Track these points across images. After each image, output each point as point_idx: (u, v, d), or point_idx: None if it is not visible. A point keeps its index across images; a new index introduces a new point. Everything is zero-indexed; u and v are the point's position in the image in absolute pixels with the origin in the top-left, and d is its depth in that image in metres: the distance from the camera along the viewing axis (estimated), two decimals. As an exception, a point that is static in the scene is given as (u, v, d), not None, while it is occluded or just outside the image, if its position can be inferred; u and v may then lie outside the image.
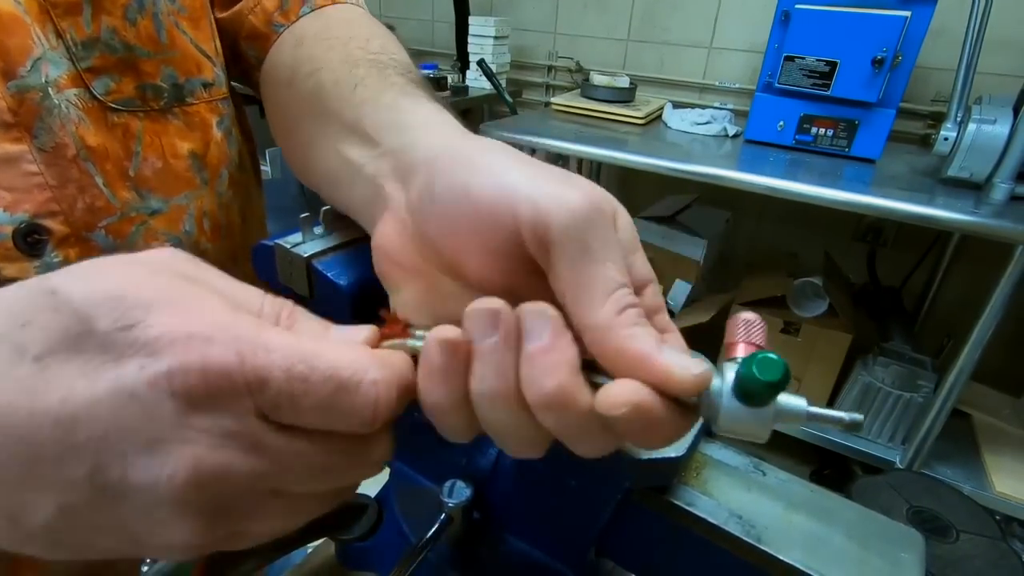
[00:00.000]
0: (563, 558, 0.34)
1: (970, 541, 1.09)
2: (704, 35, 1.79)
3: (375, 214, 0.27)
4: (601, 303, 0.19)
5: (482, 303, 0.20)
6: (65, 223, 0.33)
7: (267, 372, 0.19)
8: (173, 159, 0.39)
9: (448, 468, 0.35)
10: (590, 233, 0.20)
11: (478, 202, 0.21)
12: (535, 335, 0.20)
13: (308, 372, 0.19)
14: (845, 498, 0.30)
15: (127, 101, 0.36)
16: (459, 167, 0.23)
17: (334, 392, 0.20)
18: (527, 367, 0.20)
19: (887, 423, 1.42)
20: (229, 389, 0.18)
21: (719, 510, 0.28)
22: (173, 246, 0.38)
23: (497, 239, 0.21)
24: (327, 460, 0.21)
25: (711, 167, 1.30)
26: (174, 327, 0.18)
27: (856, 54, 1.29)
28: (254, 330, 0.19)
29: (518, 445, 0.22)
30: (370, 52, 0.37)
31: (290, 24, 0.42)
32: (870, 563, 0.26)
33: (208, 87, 0.41)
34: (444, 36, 2.23)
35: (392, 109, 0.31)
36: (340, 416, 0.20)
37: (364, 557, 0.41)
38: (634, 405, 0.18)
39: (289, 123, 0.38)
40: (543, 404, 0.19)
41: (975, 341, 1.17)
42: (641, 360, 0.19)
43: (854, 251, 1.73)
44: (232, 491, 0.19)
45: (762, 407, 0.18)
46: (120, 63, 0.35)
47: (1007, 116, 1.14)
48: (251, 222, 0.50)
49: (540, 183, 0.21)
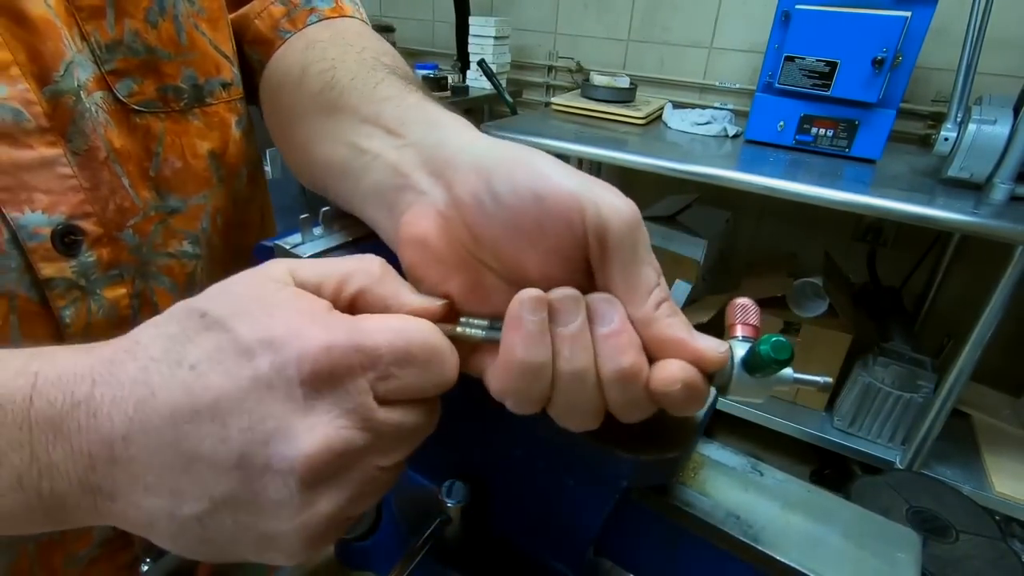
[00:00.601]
0: (562, 558, 0.34)
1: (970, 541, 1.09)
2: (704, 35, 1.79)
3: (397, 202, 0.28)
4: (644, 299, 0.23)
5: (564, 291, 0.23)
6: (98, 224, 0.34)
7: (376, 349, 0.22)
8: (193, 159, 0.40)
9: (447, 468, 0.35)
10: (636, 238, 0.23)
11: (549, 206, 0.23)
12: (607, 319, 0.23)
13: (408, 345, 0.22)
14: (843, 498, 0.30)
15: (149, 103, 0.37)
16: (520, 170, 0.24)
17: (430, 359, 0.23)
18: (605, 346, 0.23)
19: (887, 423, 1.42)
20: (347, 368, 0.21)
21: (717, 510, 0.29)
22: (190, 243, 0.40)
23: (563, 241, 0.23)
24: (416, 424, 0.23)
25: (711, 167, 1.31)
26: (293, 325, 0.21)
27: (856, 54, 1.29)
28: (354, 320, 0.23)
29: (584, 417, 0.24)
30: (386, 65, 0.37)
31: (297, 31, 0.43)
32: (867, 563, 0.27)
33: (227, 87, 0.42)
34: (444, 36, 2.23)
35: (418, 108, 0.31)
36: (433, 380, 0.23)
37: (364, 556, 0.41)
38: (684, 382, 0.22)
39: (294, 120, 0.38)
40: (618, 378, 0.23)
41: (975, 341, 1.17)
42: (680, 344, 0.23)
43: (854, 251, 1.73)
44: (349, 464, 0.22)
45: (766, 377, 0.22)
46: (142, 65, 0.36)
47: (1007, 116, 1.14)
48: (268, 220, 0.51)
49: (597, 191, 0.23)
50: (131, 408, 0.21)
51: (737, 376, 0.23)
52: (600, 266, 0.24)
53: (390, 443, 0.23)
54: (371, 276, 0.25)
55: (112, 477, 0.21)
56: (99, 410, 0.21)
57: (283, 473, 0.20)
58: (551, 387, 0.23)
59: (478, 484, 0.34)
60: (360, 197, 0.31)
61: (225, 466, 0.20)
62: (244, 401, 0.20)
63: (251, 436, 0.20)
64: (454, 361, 0.24)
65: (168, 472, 0.21)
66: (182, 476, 0.21)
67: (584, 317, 0.23)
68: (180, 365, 0.21)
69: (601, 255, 0.23)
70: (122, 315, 0.36)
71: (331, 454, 0.21)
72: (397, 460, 0.24)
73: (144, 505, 0.21)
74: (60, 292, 0.33)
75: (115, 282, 0.36)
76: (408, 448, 0.24)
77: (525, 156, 0.25)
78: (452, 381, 0.24)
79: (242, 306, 0.22)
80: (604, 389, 0.23)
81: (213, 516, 0.21)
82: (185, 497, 0.21)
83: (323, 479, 0.21)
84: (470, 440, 0.34)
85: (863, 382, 1.42)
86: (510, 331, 0.23)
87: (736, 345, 0.23)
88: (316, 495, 0.21)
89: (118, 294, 0.36)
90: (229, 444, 0.20)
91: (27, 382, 0.21)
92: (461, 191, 0.25)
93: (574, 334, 0.23)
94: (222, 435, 0.20)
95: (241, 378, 0.20)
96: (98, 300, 0.35)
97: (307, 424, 0.20)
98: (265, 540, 0.22)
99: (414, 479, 0.38)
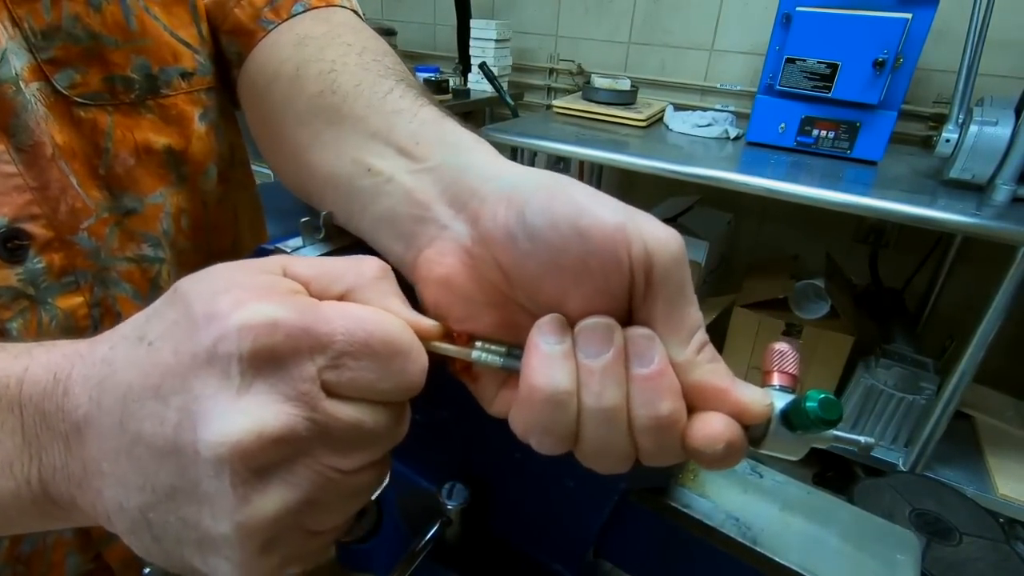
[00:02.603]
0: (561, 559, 0.34)
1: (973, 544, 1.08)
2: (705, 37, 1.80)
3: (416, 235, 0.26)
4: (687, 341, 0.21)
5: (595, 319, 0.21)
6: (48, 227, 0.32)
7: (330, 335, 0.20)
8: (146, 155, 0.36)
9: (447, 470, 0.35)
10: (683, 273, 0.21)
11: (593, 241, 0.21)
12: (647, 359, 0.21)
13: (367, 336, 0.20)
14: (843, 500, 0.30)
15: (94, 95, 0.33)
16: (557, 202, 0.21)
17: (392, 355, 0.21)
18: (643, 388, 0.21)
19: (889, 425, 1.42)
20: (293, 349, 0.19)
21: (716, 512, 0.29)
22: (151, 245, 0.37)
23: (609, 279, 0.21)
24: (375, 425, 0.21)
25: (713, 169, 1.30)
26: (242, 300, 0.19)
27: (857, 56, 1.29)
28: (315, 303, 0.21)
29: (614, 461, 0.22)
30: (389, 67, 0.35)
31: (280, 22, 0.39)
32: (866, 565, 0.27)
33: (187, 77, 0.38)
34: (446, 39, 2.23)
35: (435, 125, 0.29)
36: (393, 378, 0.21)
37: (364, 558, 0.41)
38: (727, 442, 0.20)
39: (286, 123, 0.36)
40: (653, 425, 0.21)
41: (977, 343, 1.17)
42: (722, 394, 0.21)
43: (856, 253, 1.73)
44: (292, 458, 0.19)
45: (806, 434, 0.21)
46: (84, 53, 0.32)
47: (1009, 118, 1.14)
48: (244, 220, 0.47)
49: (641, 223, 0.21)
50: (94, 387, 0.20)
51: (775, 431, 0.21)
52: (642, 303, 0.21)
53: (345, 442, 0.20)
54: (362, 277, 0.23)
55: (82, 461, 0.20)
56: (71, 390, 0.20)
57: (214, 461, 0.18)
58: (577, 425, 0.21)
59: (479, 486, 0.34)
60: (369, 222, 0.29)
61: (163, 450, 0.19)
62: (184, 378, 0.19)
63: (183, 417, 0.19)
64: (421, 363, 0.22)
65: (117, 457, 0.19)
66: (128, 461, 0.19)
67: (618, 350, 0.21)
68: (142, 341, 0.20)
69: (646, 292, 0.21)
70: (80, 325, 0.34)
71: (264, 441, 0.18)
72: (358, 463, 0.21)
73: (105, 495, 0.20)
74: (5, 302, 0.31)
75: (70, 290, 0.33)
76: (371, 452, 0.22)
77: (560, 185, 0.22)
78: (416, 384, 0.22)
79: (210, 283, 0.20)
80: (635, 434, 0.21)
81: (157, 509, 0.19)
82: (130, 486, 0.19)
83: (260, 471, 0.19)
84: (471, 442, 0.34)
85: (865, 384, 1.42)
86: (528, 356, 0.21)
87: (772, 395, 0.22)
88: (253, 490, 0.19)
89: (74, 303, 0.34)
90: (166, 426, 0.19)
91: (22, 365, 0.21)
92: (491, 225, 0.23)
93: (604, 367, 0.20)
94: (162, 415, 0.19)
95: (184, 353, 0.19)
96: (50, 310, 0.32)
97: (240, 406, 0.18)
98: (208, 543, 0.19)
99: (414, 481, 0.39)
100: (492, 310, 0.24)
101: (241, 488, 0.18)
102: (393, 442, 0.23)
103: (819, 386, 1.36)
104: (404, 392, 0.22)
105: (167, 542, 0.20)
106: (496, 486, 0.35)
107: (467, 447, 0.35)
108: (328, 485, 0.20)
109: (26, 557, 0.36)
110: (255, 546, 0.19)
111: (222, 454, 0.18)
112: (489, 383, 0.25)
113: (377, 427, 0.21)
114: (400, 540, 0.38)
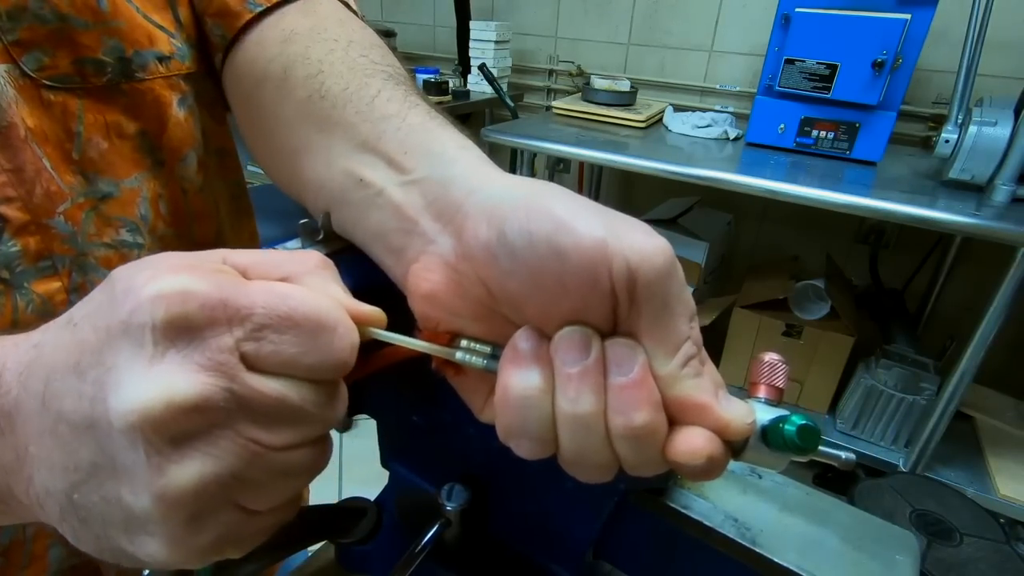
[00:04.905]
0: (561, 561, 0.34)
1: (974, 544, 1.08)
2: (705, 38, 1.80)
3: (405, 248, 0.26)
4: (672, 354, 0.21)
5: (572, 328, 0.21)
6: (23, 209, 0.31)
7: (249, 307, 0.19)
8: (119, 139, 0.36)
9: (447, 471, 0.35)
10: (670, 287, 0.20)
11: (572, 261, 0.20)
12: (625, 368, 0.20)
13: (290, 311, 0.20)
14: (843, 500, 0.30)
15: (63, 78, 0.33)
16: (536, 219, 0.21)
17: (316, 330, 0.20)
18: (619, 397, 0.20)
19: (890, 426, 1.42)
20: (208, 319, 0.19)
21: (715, 513, 0.29)
22: (128, 231, 0.37)
23: (590, 295, 0.20)
24: (301, 402, 0.21)
25: (712, 170, 1.31)
26: (159, 271, 0.19)
27: (856, 57, 1.30)
28: (234, 278, 0.20)
29: (594, 471, 0.22)
30: (376, 63, 0.34)
31: (268, 5, 0.38)
32: (865, 565, 0.27)
33: (164, 61, 0.37)
34: (445, 40, 2.24)
35: (422, 131, 0.29)
36: (319, 354, 0.20)
37: (364, 560, 0.41)
38: (708, 457, 0.20)
39: (277, 126, 0.35)
40: (628, 435, 0.20)
41: (978, 343, 1.17)
42: (703, 410, 0.21)
43: (856, 253, 1.73)
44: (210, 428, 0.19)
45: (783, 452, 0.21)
46: (52, 35, 0.32)
47: (1008, 118, 1.14)
48: (223, 210, 0.47)
49: (624, 236, 0.20)
50: (23, 371, 0.20)
51: (753, 445, 0.21)
52: (626, 317, 0.21)
53: (269, 417, 0.20)
54: (302, 265, 0.23)
55: (14, 449, 0.20)
56: (2, 377, 0.20)
57: (126, 430, 0.18)
58: (554, 431, 0.21)
59: (478, 487, 0.34)
60: (363, 235, 0.29)
61: (82, 425, 0.19)
62: (100, 352, 0.18)
63: (98, 389, 0.18)
64: (350, 339, 0.21)
65: (41, 437, 0.19)
66: (52, 441, 0.19)
67: (595, 358, 0.21)
68: (69, 323, 0.20)
69: (630, 307, 0.21)
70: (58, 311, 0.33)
71: (174, 409, 0.18)
72: (286, 440, 0.21)
73: (35, 480, 0.20)
74: None
75: (47, 275, 0.33)
76: (301, 430, 0.21)
77: (540, 200, 0.22)
78: (343, 360, 0.21)
79: (138, 265, 0.20)
80: (614, 443, 0.21)
81: (80, 489, 0.19)
82: (55, 468, 0.19)
83: (175, 440, 0.18)
84: (470, 443, 0.34)
85: (866, 384, 1.42)
86: (504, 357, 0.22)
87: (757, 407, 0.22)
88: (168, 460, 0.18)
89: (51, 288, 0.33)
90: (83, 400, 0.18)
91: None
92: (473, 243, 0.22)
93: (580, 373, 0.20)
94: (80, 390, 0.19)
95: (100, 328, 0.19)
96: (26, 294, 0.32)
97: (151, 374, 0.18)
98: (132, 520, 0.19)
99: (414, 482, 0.39)
100: (479, 324, 0.24)
101: (155, 458, 0.18)
102: (326, 422, 0.22)
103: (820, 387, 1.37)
104: (331, 369, 0.21)
105: (95, 524, 0.20)
106: (495, 487, 0.35)
107: (466, 448, 0.35)
108: (255, 460, 0.20)
109: (4, 548, 0.35)
110: (179, 519, 0.19)
111: (133, 422, 0.18)
112: (478, 389, 0.24)
113: (304, 404, 0.21)
114: (399, 541, 0.38)
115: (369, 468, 0.27)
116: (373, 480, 0.42)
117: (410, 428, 0.36)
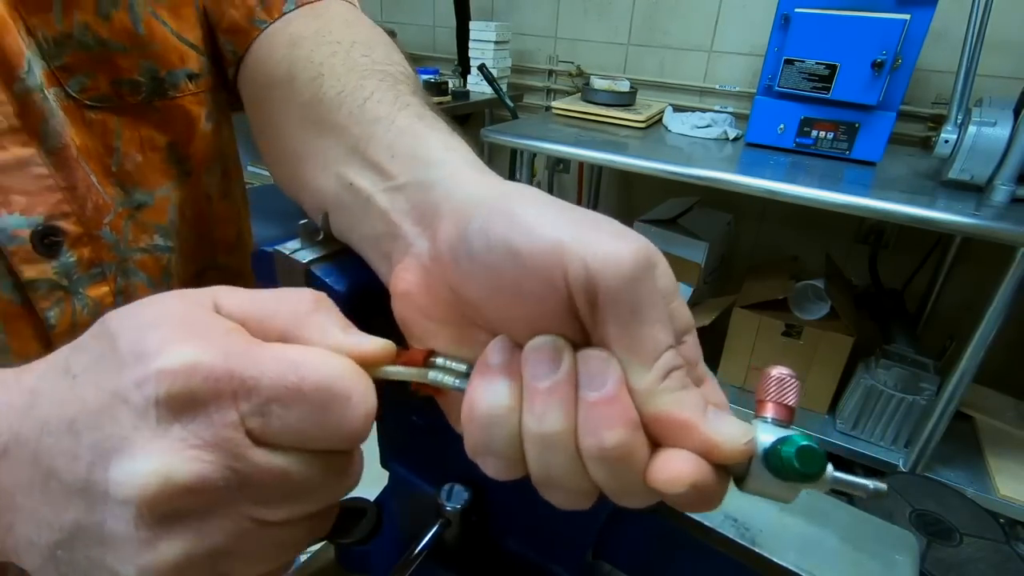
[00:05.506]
0: (560, 561, 0.34)
1: (974, 544, 1.08)
2: (704, 39, 1.80)
3: (392, 252, 0.26)
4: (648, 366, 0.19)
5: (541, 339, 0.19)
6: (78, 223, 0.34)
7: (255, 379, 0.18)
8: (151, 152, 0.38)
9: (447, 471, 0.35)
10: (639, 292, 0.19)
11: (526, 264, 0.19)
12: (597, 382, 0.19)
13: (299, 381, 0.19)
14: (842, 501, 0.30)
15: (103, 98, 0.35)
16: (496, 221, 0.20)
17: (327, 403, 0.19)
18: (589, 415, 0.19)
19: (890, 426, 1.42)
20: (214, 392, 0.18)
21: (714, 513, 0.29)
22: (161, 236, 0.39)
23: (546, 300, 0.19)
24: (308, 477, 0.20)
25: (712, 170, 1.31)
26: (168, 339, 0.18)
27: (856, 57, 1.30)
28: (244, 343, 0.19)
29: (566, 495, 0.20)
30: (376, 62, 0.35)
31: (273, 21, 0.40)
32: (865, 565, 0.27)
33: (194, 78, 0.39)
34: (445, 41, 2.24)
35: (408, 134, 0.29)
36: (329, 428, 0.19)
37: (364, 560, 0.41)
38: (692, 484, 0.18)
39: (282, 130, 0.36)
40: (599, 456, 0.19)
41: (977, 343, 1.17)
42: (688, 428, 0.19)
43: (856, 253, 1.73)
44: (207, 507, 0.18)
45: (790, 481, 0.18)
46: (93, 59, 0.34)
47: (1007, 118, 1.14)
48: (245, 213, 0.49)
49: (585, 237, 0.19)
50: (16, 417, 0.19)
51: (755, 471, 0.19)
52: (593, 325, 0.19)
53: (269, 493, 0.19)
54: (296, 315, 0.21)
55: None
56: None
57: (120, 502, 0.17)
58: (522, 450, 0.20)
59: (477, 488, 0.34)
60: (358, 239, 0.29)
61: (73, 487, 0.18)
62: (100, 415, 0.18)
63: (95, 455, 0.18)
64: (364, 409, 0.20)
65: (31, 490, 0.19)
66: (42, 496, 0.19)
67: (566, 372, 0.19)
68: (66, 374, 0.19)
69: (593, 314, 0.19)
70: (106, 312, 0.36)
71: (172, 488, 0.17)
72: (285, 516, 0.20)
73: (16, 529, 0.19)
74: (43, 294, 0.33)
75: (97, 281, 0.36)
76: (302, 504, 0.20)
77: (506, 202, 0.21)
78: (357, 432, 0.20)
79: (138, 317, 0.19)
80: (588, 467, 0.19)
81: (65, 548, 0.19)
82: (42, 522, 0.19)
83: (168, 517, 0.18)
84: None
85: (865, 384, 1.42)
86: (474, 372, 0.21)
87: (763, 429, 0.19)
88: (157, 536, 0.18)
89: (101, 292, 0.36)
90: (78, 462, 0.18)
91: None
92: (442, 244, 0.22)
93: (547, 388, 0.19)
94: (75, 451, 0.18)
95: (105, 390, 0.18)
96: (82, 299, 0.35)
97: (152, 449, 0.17)
98: None
99: (414, 483, 0.39)
100: (449, 328, 0.23)
101: (145, 532, 0.18)
102: (333, 495, 0.21)
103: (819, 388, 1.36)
104: (344, 442, 0.20)
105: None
106: (495, 488, 0.35)
107: (466, 449, 0.35)
108: (247, 535, 0.19)
109: None
110: None
111: (129, 496, 0.17)
112: (456, 398, 0.23)
113: (310, 478, 0.20)
114: (399, 542, 0.38)
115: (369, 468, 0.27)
116: (373, 480, 0.42)
117: (410, 428, 0.36)
